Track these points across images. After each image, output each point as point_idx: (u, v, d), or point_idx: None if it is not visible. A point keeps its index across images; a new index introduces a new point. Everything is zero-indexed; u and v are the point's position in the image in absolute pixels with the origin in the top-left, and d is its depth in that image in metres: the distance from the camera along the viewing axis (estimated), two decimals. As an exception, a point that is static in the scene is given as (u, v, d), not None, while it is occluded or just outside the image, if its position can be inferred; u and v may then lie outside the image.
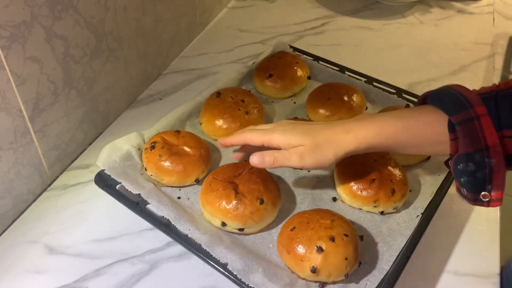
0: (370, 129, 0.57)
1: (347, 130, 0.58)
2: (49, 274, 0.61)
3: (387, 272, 0.59)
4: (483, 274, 0.63)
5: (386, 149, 0.57)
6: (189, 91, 0.91)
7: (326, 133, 0.58)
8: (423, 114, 0.55)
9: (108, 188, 0.66)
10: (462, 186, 0.52)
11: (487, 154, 0.49)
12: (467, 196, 0.52)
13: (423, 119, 0.55)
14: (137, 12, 0.82)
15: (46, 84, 0.66)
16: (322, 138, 0.58)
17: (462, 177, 0.51)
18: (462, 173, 0.51)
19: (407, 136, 0.55)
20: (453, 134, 0.51)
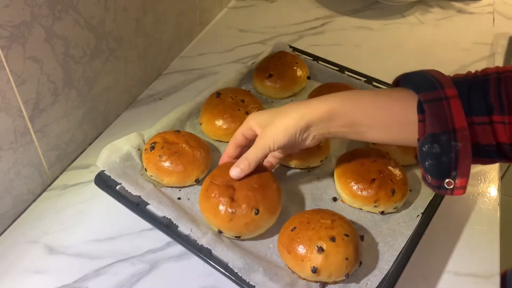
0: (338, 96, 0.56)
1: (314, 99, 0.58)
2: (49, 274, 0.61)
3: (388, 272, 0.59)
4: (483, 274, 0.63)
5: (352, 120, 0.55)
6: (189, 91, 0.91)
7: (294, 105, 0.59)
8: (394, 91, 0.54)
9: (108, 188, 0.66)
10: (427, 172, 0.51)
11: (454, 137, 0.48)
12: (432, 183, 0.51)
13: (393, 95, 0.53)
14: (137, 12, 0.82)
15: (46, 84, 0.66)
16: (290, 109, 0.58)
17: (427, 160, 0.50)
18: (427, 156, 0.49)
19: (373, 108, 0.54)
20: (421, 115, 0.50)
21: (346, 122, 0.55)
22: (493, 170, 0.77)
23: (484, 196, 0.73)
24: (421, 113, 0.50)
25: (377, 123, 0.54)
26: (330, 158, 0.76)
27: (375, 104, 0.54)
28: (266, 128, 0.59)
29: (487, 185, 0.75)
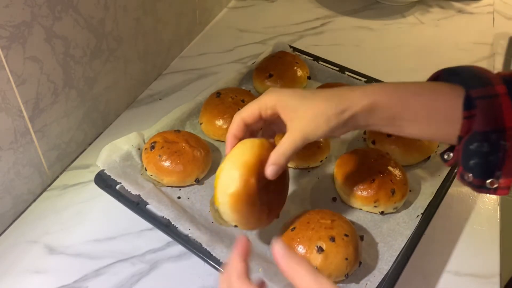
0: (382, 88, 0.52)
1: (352, 89, 0.52)
2: (49, 274, 0.61)
3: (387, 272, 0.59)
4: (483, 274, 0.63)
5: (394, 115, 0.51)
6: (189, 91, 0.91)
7: (330, 93, 0.52)
8: (439, 86, 0.51)
9: (108, 188, 0.66)
10: (468, 171, 0.49)
11: (503, 136, 0.46)
12: (472, 182, 0.49)
13: (438, 90, 0.50)
14: (137, 12, 0.82)
15: (46, 84, 0.66)
16: (326, 98, 0.52)
17: (472, 159, 0.48)
18: (474, 155, 0.48)
19: (417, 103, 0.50)
20: (468, 111, 0.48)
21: (387, 115, 0.51)
22: (493, 170, 0.77)
23: (484, 196, 0.73)
24: (467, 110, 0.48)
25: (419, 119, 0.51)
26: (330, 158, 0.76)
27: (420, 98, 0.51)
28: (299, 118, 0.52)
29: (487, 185, 0.75)
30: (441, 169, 0.73)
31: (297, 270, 0.39)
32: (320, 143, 0.72)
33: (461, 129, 0.49)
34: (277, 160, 0.53)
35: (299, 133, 0.52)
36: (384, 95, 0.51)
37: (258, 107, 0.55)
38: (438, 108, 0.50)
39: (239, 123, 0.56)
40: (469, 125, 0.48)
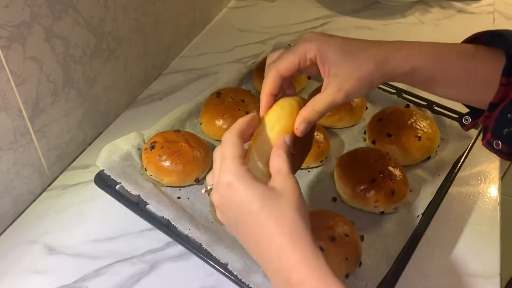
0: (423, 49, 0.50)
1: (398, 48, 0.50)
2: (49, 274, 0.61)
3: (388, 272, 0.59)
4: (483, 274, 0.63)
5: (431, 77, 0.50)
6: (189, 91, 0.91)
7: (374, 50, 0.49)
8: (480, 50, 0.50)
9: (108, 188, 0.66)
10: (499, 138, 0.49)
11: None
12: (502, 150, 0.50)
13: (480, 55, 0.50)
14: (137, 12, 0.82)
15: (46, 84, 0.66)
16: (370, 55, 0.49)
17: (507, 127, 0.48)
18: (510, 123, 0.48)
19: (457, 68, 0.50)
20: (507, 78, 0.47)
21: (425, 78, 0.50)
22: (493, 170, 0.77)
23: (485, 196, 0.73)
24: (507, 77, 0.48)
25: (456, 84, 0.50)
26: (330, 158, 0.75)
27: (461, 64, 0.49)
28: (343, 76, 0.48)
29: (487, 185, 0.75)
30: (441, 169, 0.73)
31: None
32: (320, 143, 0.72)
33: (495, 96, 0.49)
34: (312, 117, 0.48)
35: (341, 91, 0.48)
36: (426, 58, 0.49)
37: (298, 57, 0.50)
38: (476, 74, 0.49)
39: (276, 78, 0.50)
40: (505, 92, 0.48)
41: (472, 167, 0.77)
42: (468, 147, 0.74)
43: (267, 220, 0.41)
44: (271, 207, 0.41)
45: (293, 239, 0.40)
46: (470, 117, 0.55)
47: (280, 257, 0.40)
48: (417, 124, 0.74)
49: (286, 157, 0.45)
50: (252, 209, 0.42)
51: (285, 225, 0.41)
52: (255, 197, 0.42)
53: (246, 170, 0.44)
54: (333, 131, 0.81)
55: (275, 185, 0.43)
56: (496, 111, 0.49)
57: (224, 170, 0.44)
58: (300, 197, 0.43)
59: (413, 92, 0.84)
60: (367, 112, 0.83)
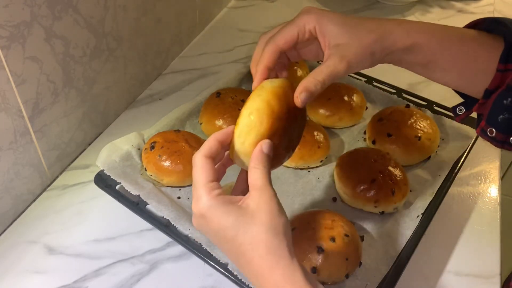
0: (425, 27, 0.49)
1: (399, 23, 0.49)
2: (48, 274, 0.61)
3: (388, 272, 0.59)
4: (483, 274, 0.63)
5: (431, 59, 0.49)
6: (189, 91, 0.91)
7: (374, 26, 0.48)
8: (482, 36, 0.49)
9: (108, 188, 0.66)
10: (494, 126, 0.49)
11: None
12: (495, 137, 0.49)
13: (481, 40, 0.49)
14: (137, 12, 0.82)
15: (45, 84, 0.66)
16: (370, 30, 0.48)
17: (502, 114, 0.48)
18: (505, 109, 0.48)
19: (458, 51, 0.49)
20: (504, 65, 0.47)
21: (424, 58, 0.49)
22: (493, 170, 0.77)
23: (485, 196, 0.73)
24: (504, 63, 0.47)
25: (454, 66, 0.50)
26: (330, 158, 0.75)
27: (461, 47, 0.49)
28: (344, 46, 0.47)
29: (487, 185, 0.75)
30: (441, 169, 0.73)
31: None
32: (320, 143, 0.72)
33: (491, 82, 0.48)
34: (313, 87, 0.46)
35: (343, 61, 0.47)
36: (427, 37, 0.49)
37: (296, 29, 0.48)
38: (476, 58, 0.49)
39: (275, 51, 0.48)
40: (501, 78, 0.47)
41: (472, 167, 0.77)
42: (468, 147, 0.74)
43: (242, 246, 0.41)
44: (245, 233, 0.41)
45: (270, 261, 0.40)
46: (463, 107, 0.55)
47: (260, 280, 0.41)
48: (417, 124, 0.74)
49: (263, 167, 0.43)
50: (227, 238, 0.41)
51: (260, 249, 0.40)
52: (228, 225, 0.41)
53: (216, 197, 0.42)
54: (333, 131, 0.81)
55: (250, 203, 0.42)
56: (492, 98, 0.49)
57: (195, 200, 0.43)
58: (275, 213, 0.41)
59: (413, 92, 0.84)
60: (367, 112, 0.83)
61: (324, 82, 0.46)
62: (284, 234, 0.41)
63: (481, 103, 0.50)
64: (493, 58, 0.48)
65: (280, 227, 0.41)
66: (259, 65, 0.48)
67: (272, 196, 0.42)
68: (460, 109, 0.55)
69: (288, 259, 0.40)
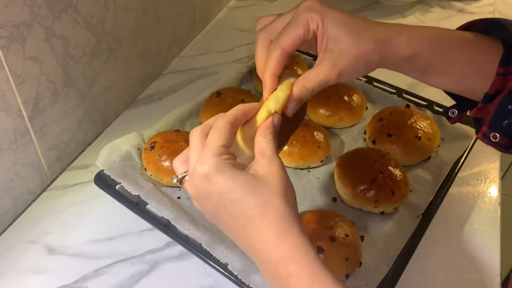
0: (426, 34, 0.48)
1: (399, 31, 0.47)
2: (48, 274, 0.61)
3: (388, 272, 0.59)
4: (483, 274, 0.63)
5: (430, 65, 0.48)
6: (189, 91, 0.91)
7: (376, 34, 0.46)
8: (482, 39, 0.48)
9: (108, 188, 0.66)
10: (497, 131, 0.48)
11: None
12: (500, 142, 0.48)
13: (481, 43, 0.48)
14: (137, 11, 0.82)
15: (45, 84, 0.66)
16: (371, 37, 0.46)
17: (507, 119, 0.47)
18: (511, 114, 0.47)
19: (458, 56, 0.48)
20: (504, 68, 0.46)
21: (422, 65, 0.48)
22: (493, 170, 0.77)
23: (485, 196, 0.73)
24: (504, 66, 0.46)
25: (453, 71, 0.49)
26: (330, 158, 0.75)
27: (461, 52, 0.48)
28: (339, 53, 0.45)
29: (487, 185, 0.74)
30: (442, 169, 0.73)
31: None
32: (320, 143, 0.72)
33: (491, 86, 0.47)
34: (302, 96, 0.46)
35: (335, 69, 0.45)
36: (427, 45, 0.47)
37: (302, 29, 0.46)
38: (476, 63, 0.48)
39: (282, 57, 0.47)
40: (501, 83, 0.47)
41: (472, 167, 0.77)
42: (468, 147, 0.74)
43: (251, 210, 0.39)
44: (255, 195, 0.39)
45: (281, 229, 0.38)
46: (456, 110, 0.54)
47: (268, 248, 0.39)
48: (417, 124, 0.74)
49: (272, 138, 0.43)
50: (234, 200, 0.39)
51: (271, 215, 0.38)
52: (237, 186, 0.39)
53: (225, 160, 0.40)
54: (333, 131, 0.81)
55: (258, 170, 0.41)
56: (494, 103, 0.48)
57: (202, 160, 0.40)
58: (286, 182, 0.41)
59: (413, 92, 0.84)
60: (367, 112, 0.83)
61: (313, 90, 0.46)
62: (294, 204, 0.40)
63: (480, 107, 0.49)
64: (493, 61, 0.47)
65: (291, 196, 0.40)
66: (266, 73, 0.47)
67: (282, 166, 0.41)
68: (453, 111, 0.54)
69: (299, 228, 0.39)
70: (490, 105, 0.48)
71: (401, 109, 0.78)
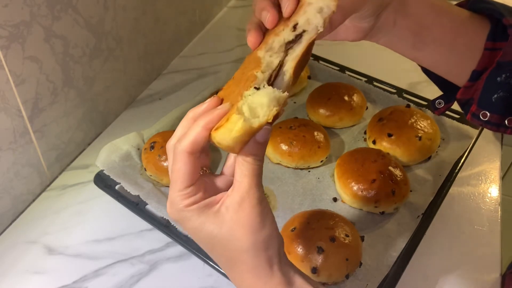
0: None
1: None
2: (48, 275, 0.61)
3: (388, 272, 0.58)
4: (484, 274, 0.63)
5: (421, 22, 0.47)
6: (189, 91, 0.91)
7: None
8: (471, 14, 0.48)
9: (108, 188, 0.66)
10: (487, 108, 0.47)
11: None
12: (490, 120, 0.47)
13: (470, 17, 0.48)
14: (137, 11, 0.82)
15: (45, 84, 0.65)
16: None
17: (497, 93, 0.46)
18: (500, 87, 0.46)
19: (448, 19, 0.47)
20: (492, 43, 0.46)
21: (416, 23, 0.47)
22: (494, 170, 0.77)
23: (485, 197, 0.73)
24: (492, 41, 0.46)
25: (445, 40, 0.48)
26: (330, 158, 0.75)
27: (453, 20, 0.47)
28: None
29: (488, 185, 0.74)
30: (442, 169, 0.72)
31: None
32: (320, 143, 0.72)
33: (479, 61, 0.47)
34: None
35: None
36: (424, 5, 0.47)
37: None
38: (465, 33, 0.47)
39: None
40: (490, 58, 0.46)
41: (473, 167, 0.77)
42: (469, 147, 0.74)
43: (222, 259, 0.38)
44: (222, 248, 0.37)
45: (259, 276, 0.37)
46: (443, 100, 0.54)
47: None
48: (417, 124, 0.74)
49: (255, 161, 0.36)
50: (205, 245, 0.38)
51: (243, 267, 0.37)
52: (204, 236, 0.37)
53: (189, 206, 0.37)
54: (334, 131, 0.81)
55: (229, 209, 0.37)
56: (482, 79, 0.47)
57: (169, 204, 0.38)
58: (256, 226, 0.36)
59: (413, 92, 0.84)
60: (368, 112, 0.83)
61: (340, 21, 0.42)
62: (265, 250, 0.37)
63: (468, 86, 0.49)
64: (481, 36, 0.47)
65: (260, 243, 0.37)
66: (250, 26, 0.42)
67: (255, 205, 0.36)
68: (439, 102, 0.54)
69: (268, 276, 0.37)
70: (478, 83, 0.48)
71: (402, 109, 0.78)
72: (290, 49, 0.39)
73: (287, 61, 0.39)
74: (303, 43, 0.39)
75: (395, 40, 0.49)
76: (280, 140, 0.72)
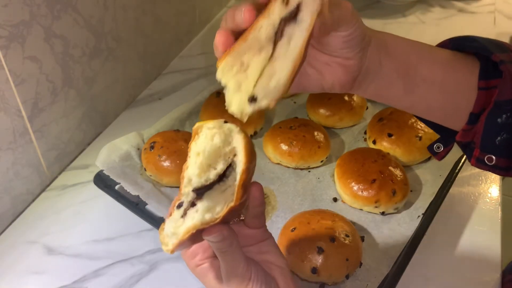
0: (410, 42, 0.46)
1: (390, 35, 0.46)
2: (48, 275, 0.61)
3: (388, 273, 0.58)
4: (484, 274, 0.63)
5: (407, 62, 0.44)
6: (189, 91, 0.91)
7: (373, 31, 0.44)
8: (457, 54, 0.46)
9: (107, 188, 0.66)
10: (491, 151, 0.43)
11: None
12: (497, 165, 0.44)
13: (457, 57, 0.45)
14: (137, 11, 0.82)
15: (45, 83, 0.65)
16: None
17: (500, 135, 0.42)
18: (502, 129, 0.42)
19: (434, 60, 0.45)
20: (485, 81, 0.43)
21: (401, 63, 0.44)
22: (494, 170, 0.77)
23: (485, 197, 0.73)
24: (485, 79, 0.43)
25: (434, 78, 0.44)
26: (331, 158, 0.75)
27: (436, 55, 0.45)
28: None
29: (488, 185, 0.74)
30: (442, 169, 0.72)
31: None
32: (321, 143, 0.72)
33: (475, 103, 0.44)
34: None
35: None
36: (395, 36, 0.45)
37: None
38: (453, 71, 0.44)
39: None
40: (486, 97, 0.43)
41: (473, 167, 0.76)
42: (469, 147, 0.74)
43: None
44: None
45: None
46: (442, 144, 0.51)
47: None
48: (417, 124, 0.74)
49: (231, 255, 0.40)
50: None
51: None
52: None
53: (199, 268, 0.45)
54: (334, 131, 0.81)
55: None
56: (480, 122, 0.44)
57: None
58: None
59: (413, 92, 0.84)
60: (368, 112, 0.83)
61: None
62: None
63: (466, 129, 0.45)
64: (471, 74, 0.44)
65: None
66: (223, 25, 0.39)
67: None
68: (438, 146, 0.51)
69: None
70: (478, 125, 0.45)
71: (402, 109, 0.77)
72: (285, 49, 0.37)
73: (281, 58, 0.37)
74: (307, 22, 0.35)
75: (384, 86, 0.45)
76: (280, 140, 0.72)
